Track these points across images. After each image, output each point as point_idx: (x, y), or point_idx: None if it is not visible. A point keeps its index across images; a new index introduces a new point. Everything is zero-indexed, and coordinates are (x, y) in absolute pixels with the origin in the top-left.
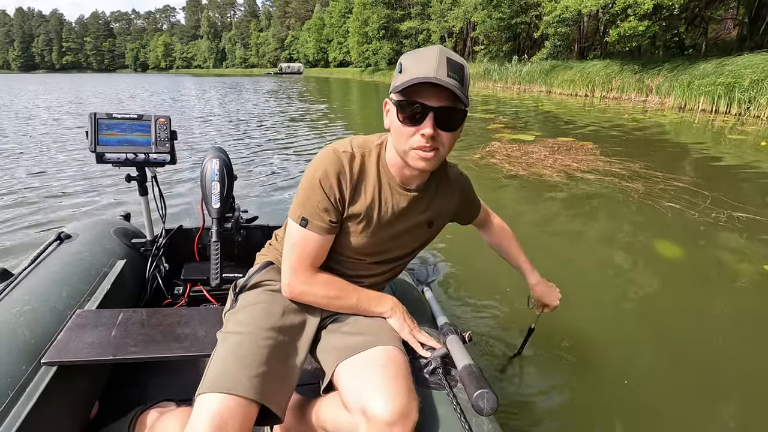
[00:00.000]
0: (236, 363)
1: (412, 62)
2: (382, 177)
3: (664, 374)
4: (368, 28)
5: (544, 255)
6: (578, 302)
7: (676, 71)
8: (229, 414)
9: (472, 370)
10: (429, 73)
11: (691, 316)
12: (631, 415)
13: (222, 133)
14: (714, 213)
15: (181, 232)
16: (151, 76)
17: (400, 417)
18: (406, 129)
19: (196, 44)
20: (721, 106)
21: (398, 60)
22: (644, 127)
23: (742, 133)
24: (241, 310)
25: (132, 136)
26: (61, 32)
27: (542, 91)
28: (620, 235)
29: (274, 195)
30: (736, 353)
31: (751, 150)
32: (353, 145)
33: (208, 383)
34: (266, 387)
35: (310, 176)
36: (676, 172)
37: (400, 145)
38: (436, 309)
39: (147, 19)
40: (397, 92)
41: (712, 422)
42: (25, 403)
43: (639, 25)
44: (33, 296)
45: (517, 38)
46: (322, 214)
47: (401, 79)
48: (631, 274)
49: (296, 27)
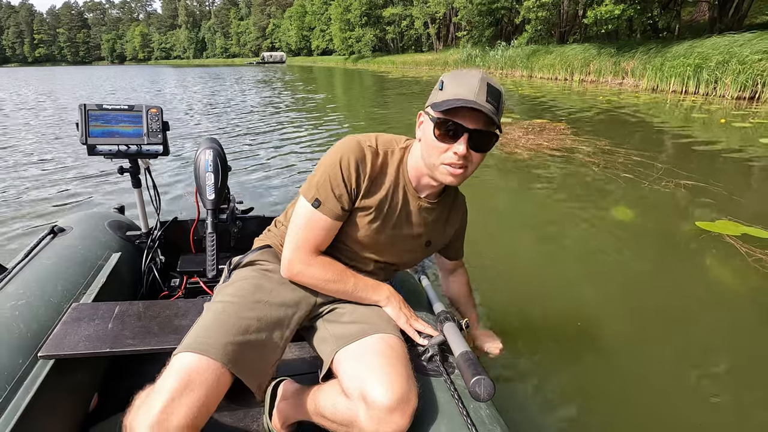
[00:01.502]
0: (215, 328)
1: (454, 83)
2: (399, 179)
3: (626, 322)
4: (350, 15)
5: (511, 224)
6: (544, 268)
7: (649, 54)
8: (198, 374)
9: (468, 356)
10: (470, 96)
11: (636, 266)
12: (611, 380)
13: (213, 124)
14: (663, 182)
15: (176, 224)
16: (130, 68)
17: (400, 403)
18: (440, 145)
19: (174, 34)
20: (690, 87)
21: (440, 77)
22: (616, 108)
23: (706, 112)
24: (231, 285)
25: (123, 128)
26: (32, 24)
27: (524, 76)
28: (581, 202)
29: (269, 186)
30: (671, 292)
31: (711, 127)
32: (378, 141)
33: (184, 344)
34: (241, 357)
35: (333, 160)
36: (637, 148)
37: (431, 158)
38: (433, 296)
39: (122, 8)
40: (437, 110)
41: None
42: (23, 396)
43: (615, 9)
44: (28, 290)
45: (498, 23)
46: (336, 199)
47: (441, 96)
48: (588, 234)
49: (277, 15)
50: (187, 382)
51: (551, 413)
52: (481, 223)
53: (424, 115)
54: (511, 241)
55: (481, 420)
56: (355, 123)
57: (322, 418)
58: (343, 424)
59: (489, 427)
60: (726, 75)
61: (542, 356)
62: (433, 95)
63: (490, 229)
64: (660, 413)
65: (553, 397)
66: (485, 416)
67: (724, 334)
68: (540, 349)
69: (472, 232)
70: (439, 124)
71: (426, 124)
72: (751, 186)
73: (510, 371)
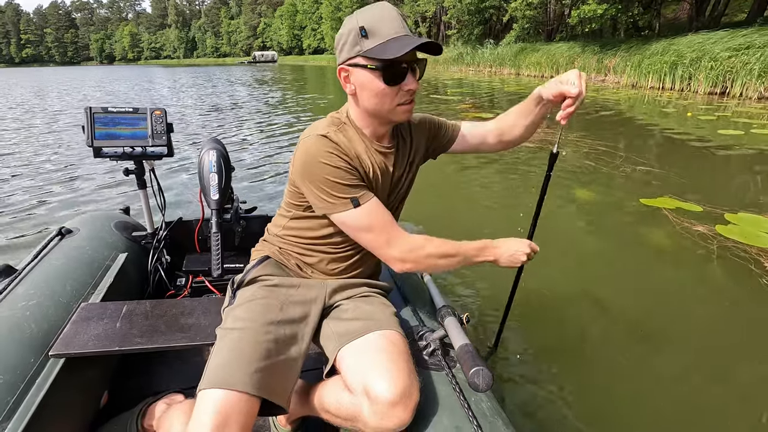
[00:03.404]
0: (236, 359)
1: (377, 24)
2: (366, 144)
3: (578, 284)
4: (341, 14)
5: (483, 209)
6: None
7: (630, 52)
8: (232, 409)
9: (468, 349)
10: (401, 31)
11: (588, 237)
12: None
13: (214, 125)
14: (622, 168)
15: (181, 224)
16: (119, 68)
17: (402, 397)
18: (392, 89)
19: (164, 34)
20: (666, 83)
21: (349, 23)
22: (595, 103)
23: (678, 106)
24: (239, 306)
25: (128, 130)
26: (19, 24)
27: (511, 74)
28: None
29: (272, 185)
30: (614, 255)
31: (677, 120)
32: (324, 126)
33: (209, 379)
34: (268, 381)
35: (318, 168)
36: (604, 139)
37: (384, 106)
38: (434, 292)
39: (110, 8)
40: (376, 56)
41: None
42: (35, 393)
43: (597, 8)
44: (38, 291)
45: (487, 22)
46: (356, 187)
47: (371, 43)
48: (553, 214)
49: (268, 14)
50: (225, 419)
51: (551, 405)
52: (454, 210)
53: (355, 68)
54: (479, 221)
55: (482, 412)
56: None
57: (326, 413)
58: (347, 419)
59: (490, 420)
60: (699, 72)
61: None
62: (353, 43)
63: (457, 213)
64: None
65: (545, 378)
66: (486, 409)
67: (653, 285)
68: (522, 331)
69: (442, 217)
70: (386, 70)
71: (362, 76)
72: (696, 169)
73: (512, 364)
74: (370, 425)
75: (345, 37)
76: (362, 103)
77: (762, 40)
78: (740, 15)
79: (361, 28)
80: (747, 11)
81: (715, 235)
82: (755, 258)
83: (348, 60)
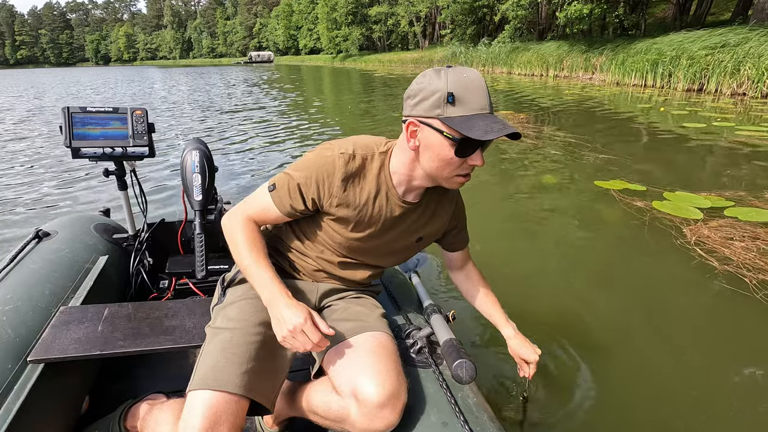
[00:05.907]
0: (226, 359)
1: (465, 92)
2: (381, 185)
3: (535, 258)
4: (337, 14)
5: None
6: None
7: (616, 51)
8: (222, 410)
9: (452, 343)
10: (485, 108)
11: (547, 214)
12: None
13: (200, 125)
14: (585, 157)
15: (164, 226)
16: (115, 69)
17: (390, 399)
18: (459, 160)
19: (160, 34)
20: (648, 81)
21: (431, 79)
22: (578, 101)
23: (655, 102)
24: (230, 305)
25: (108, 130)
26: (13, 25)
27: (503, 73)
28: (518, 173)
29: (256, 186)
30: (567, 230)
31: (650, 115)
32: (356, 146)
33: (200, 380)
34: (256, 382)
35: (302, 165)
36: (575, 132)
37: (442, 173)
38: (422, 293)
39: (106, 9)
40: (453, 128)
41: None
42: (13, 401)
43: (583, 8)
44: (15, 295)
45: (481, 21)
46: (290, 198)
47: (458, 112)
48: (520, 197)
49: (264, 14)
50: (216, 420)
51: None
52: None
53: (429, 128)
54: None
55: (468, 408)
56: (343, 121)
57: (314, 414)
58: (335, 421)
59: (476, 415)
60: (678, 69)
61: None
62: (435, 104)
63: None
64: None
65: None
66: (472, 404)
67: (595, 252)
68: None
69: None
70: (461, 144)
71: (434, 138)
72: (650, 156)
73: (498, 359)
74: (358, 427)
75: (426, 93)
76: (422, 162)
77: (736, 39)
78: (726, 14)
79: (449, 94)
80: (732, 10)
81: (650, 209)
82: (677, 226)
83: (423, 117)
